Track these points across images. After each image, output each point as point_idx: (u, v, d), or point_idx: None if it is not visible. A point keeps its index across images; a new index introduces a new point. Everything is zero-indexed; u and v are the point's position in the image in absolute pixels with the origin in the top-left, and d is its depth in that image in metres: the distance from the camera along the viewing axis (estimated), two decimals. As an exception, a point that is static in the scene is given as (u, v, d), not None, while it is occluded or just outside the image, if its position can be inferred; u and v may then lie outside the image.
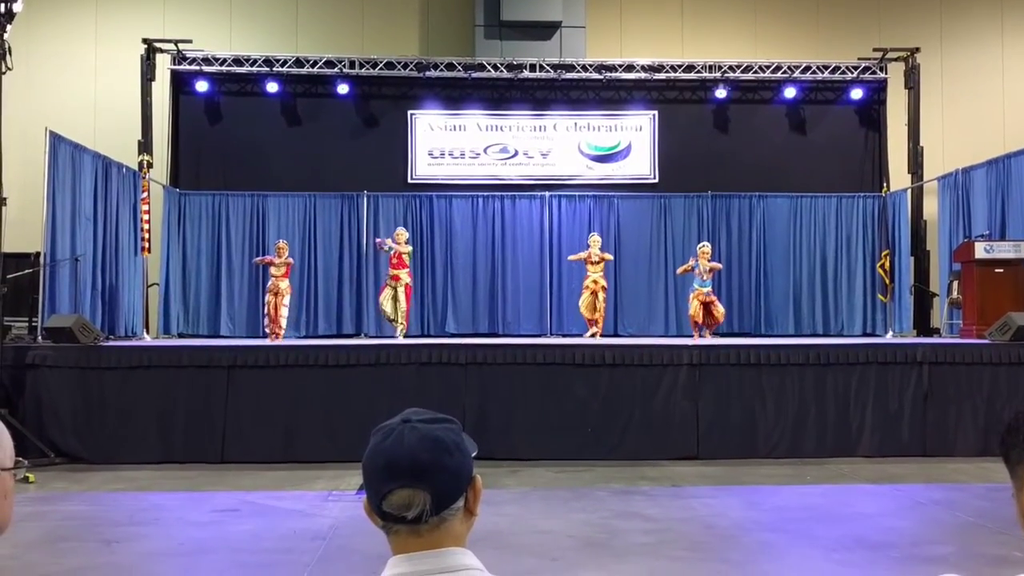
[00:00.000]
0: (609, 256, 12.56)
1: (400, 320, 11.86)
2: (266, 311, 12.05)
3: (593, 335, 12.03)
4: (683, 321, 13.54)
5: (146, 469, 8.44)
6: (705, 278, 11.79)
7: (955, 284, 12.73)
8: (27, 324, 11.64)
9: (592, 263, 12.11)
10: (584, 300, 12.21)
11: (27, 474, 7.63)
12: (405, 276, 11.86)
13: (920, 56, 14.55)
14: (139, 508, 6.85)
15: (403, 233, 12.04)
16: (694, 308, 11.83)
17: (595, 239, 12.35)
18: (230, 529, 6.17)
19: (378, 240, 12.34)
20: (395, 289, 11.78)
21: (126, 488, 7.70)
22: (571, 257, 12.79)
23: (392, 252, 11.79)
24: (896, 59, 14.60)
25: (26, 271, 10.88)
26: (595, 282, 12.11)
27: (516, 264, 14.30)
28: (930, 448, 9.24)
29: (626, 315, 14.21)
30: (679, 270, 12.44)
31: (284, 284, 11.77)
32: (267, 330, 12.02)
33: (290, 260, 11.98)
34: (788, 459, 9.01)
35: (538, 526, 6.21)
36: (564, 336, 13.25)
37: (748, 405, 9.21)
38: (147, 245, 12.77)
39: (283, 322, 11.95)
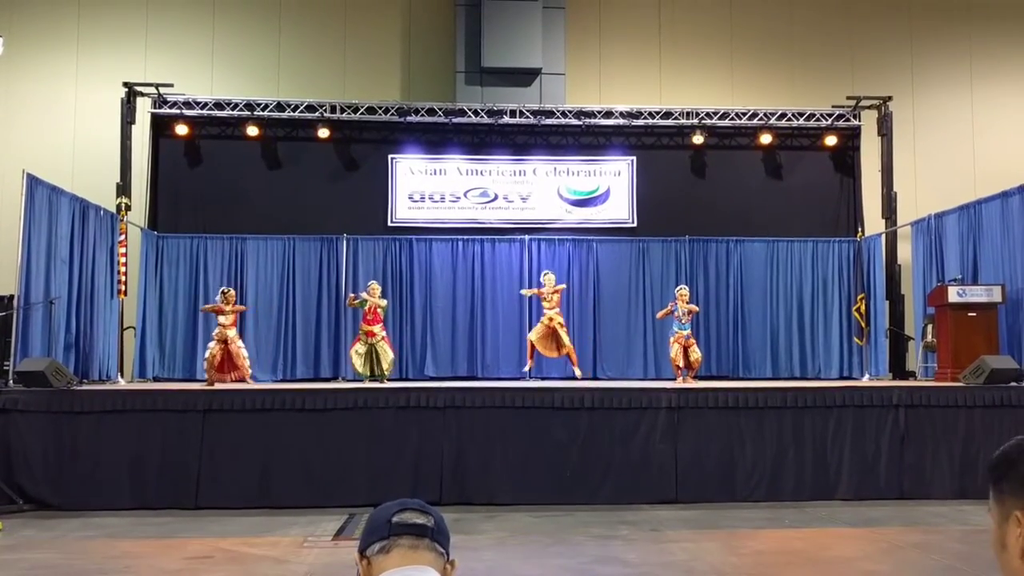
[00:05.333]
0: (561, 287, 12.57)
1: (385, 372, 11.58)
2: (207, 356, 11.28)
3: (529, 369, 12.38)
4: (662, 364, 13.57)
5: (118, 516, 8.30)
6: (684, 321, 11.84)
7: (929, 328, 12.86)
8: (-1, 368, 11.45)
9: (546, 300, 12.22)
10: (537, 330, 12.39)
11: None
12: (380, 331, 11.58)
13: (892, 104, 14.86)
14: (110, 556, 6.72)
15: (377, 287, 11.78)
16: (675, 352, 11.86)
17: (547, 277, 12.47)
18: (203, 577, 6.05)
19: (351, 295, 12.18)
20: (371, 345, 11.53)
21: (97, 535, 7.55)
22: (524, 291, 13.21)
23: (367, 306, 11.52)
24: (869, 107, 14.89)
25: (-1, 314, 10.77)
26: (551, 319, 12.21)
27: (495, 307, 14.30)
28: (907, 491, 9.28)
29: (605, 358, 14.23)
30: (659, 314, 12.45)
31: (232, 333, 11.26)
32: (207, 376, 11.15)
33: (240, 307, 11.57)
34: (767, 502, 9.02)
35: (516, 572, 6.14)
36: (543, 379, 13.22)
37: (727, 448, 9.23)
38: (123, 288, 12.66)
39: (247, 363, 11.47)
